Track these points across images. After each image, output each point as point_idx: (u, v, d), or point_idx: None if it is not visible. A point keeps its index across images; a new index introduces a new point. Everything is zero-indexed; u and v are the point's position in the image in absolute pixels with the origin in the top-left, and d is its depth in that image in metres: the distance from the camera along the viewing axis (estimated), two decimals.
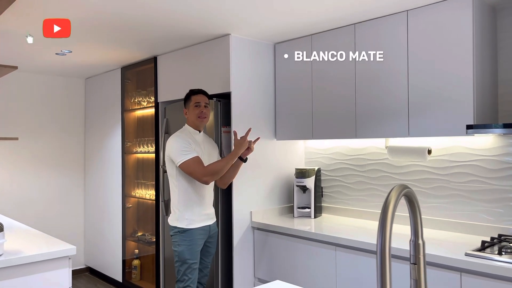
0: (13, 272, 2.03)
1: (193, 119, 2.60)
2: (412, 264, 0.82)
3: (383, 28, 2.56)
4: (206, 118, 2.62)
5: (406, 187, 0.76)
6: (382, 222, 0.70)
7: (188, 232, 2.50)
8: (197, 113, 2.59)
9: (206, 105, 2.63)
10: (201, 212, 2.55)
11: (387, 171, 2.86)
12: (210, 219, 2.62)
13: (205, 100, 2.63)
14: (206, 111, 2.62)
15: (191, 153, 2.45)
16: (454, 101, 2.24)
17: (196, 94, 2.63)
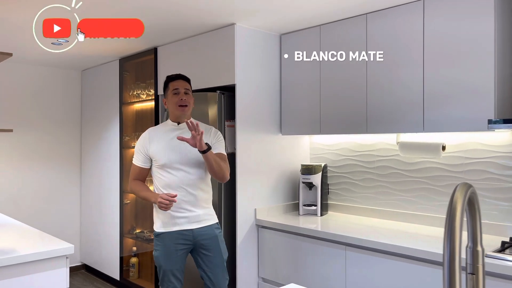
0: (6, 272, 1.91)
1: (173, 109, 2.28)
2: (470, 274, 0.71)
3: (397, 18, 2.45)
4: (187, 106, 2.27)
5: (470, 186, 0.65)
6: (449, 229, 0.59)
7: (161, 236, 2.26)
8: (176, 101, 2.26)
9: (187, 91, 2.29)
10: (177, 214, 2.22)
11: (397, 167, 2.75)
12: (194, 223, 2.25)
13: (185, 86, 2.30)
14: (187, 98, 2.27)
15: (137, 159, 2.30)
16: (474, 94, 2.14)
17: (174, 80, 2.32)
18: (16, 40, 3.29)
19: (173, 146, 2.23)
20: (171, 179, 2.23)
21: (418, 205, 2.65)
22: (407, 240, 2.25)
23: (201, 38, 3.07)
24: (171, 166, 2.22)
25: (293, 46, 3.01)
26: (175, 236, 2.24)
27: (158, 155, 2.23)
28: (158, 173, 2.26)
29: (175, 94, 2.27)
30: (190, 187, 2.24)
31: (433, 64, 2.28)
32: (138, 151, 2.30)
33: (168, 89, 2.32)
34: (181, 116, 2.27)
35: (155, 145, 2.25)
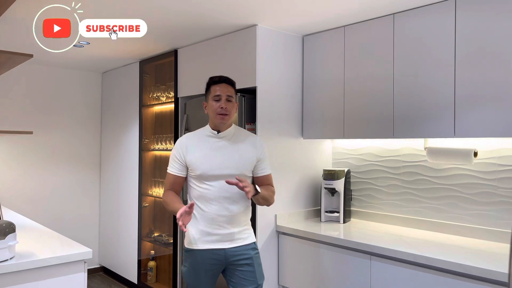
0: (25, 276, 1.88)
1: (212, 117, 2.05)
2: None
3: (426, 18, 2.34)
4: (227, 115, 2.02)
5: None
6: None
7: (190, 252, 2.05)
8: (215, 109, 2.02)
9: (229, 98, 2.03)
10: (208, 230, 2.01)
11: (425, 174, 2.64)
12: (227, 242, 2.02)
13: (228, 92, 2.04)
14: (229, 107, 2.02)
15: (173, 167, 2.08)
16: (509, 97, 2.02)
17: (216, 83, 2.06)
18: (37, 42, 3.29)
19: (211, 156, 2.03)
20: (207, 191, 2.02)
21: (447, 214, 2.53)
22: (436, 250, 2.14)
23: (222, 40, 3.02)
24: (208, 177, 2.01)
25: (316, 47, 2.93)
26: (205, 255, 2.02)
27: (195, 164, 2.02)
28: (193, 184, 2.07)
29: (215, 100, 2.03)
30: (226, 201, 2.01)
31: (465, 66, 2.17)
32: (174, 159, 2.09)
33: (209, 93, 2.08)
34: (221, 125, 2.05)
35: (192, 153, 2.04)
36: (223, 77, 2.08)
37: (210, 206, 2.01)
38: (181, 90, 3.43)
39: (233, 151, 2.05)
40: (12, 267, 1.84)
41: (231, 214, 2.02)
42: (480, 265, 1.87)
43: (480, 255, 2.07)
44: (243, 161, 2.05)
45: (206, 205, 2.01)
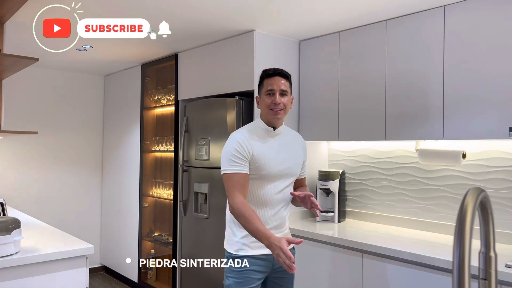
0: (29, 270, 1.97)
1: (265, 112, 1.89)
2: (482, 279, 0.71)
3: (417, 25, 2.43)
4: (282, 111, 1.87)
5: (483, 191, 0.65)
6: (459, 233, 0.59)
7: (238, 260, 1.85)
8: (268, 104, 1.86)
9: (284, 92, 1.87)
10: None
11: (416, 175, 2.72)
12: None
13: (283, 85, 1.87)
14: (284, 101, 1.86)
15: (237, 165, 1.79)
16: (496, 101, 2.10)
17: (270, 76, 1.89)
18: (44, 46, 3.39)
19: (273, 154, 1.87)
20: (267, 193, 1.85)
21: (438, 214, 2.61)
22: (425, 248, 2.22)
23: (221, 45, 3.11)
24: (271, 178, 1.85)
25: (312, 52, 3.02)
26: (254, 262, 1.84)
27: (261, 162, 1.82)
28: (252, 186, 1.85)
29: (268, 94, 1.87)
30: (280, 205, 1.90)
31: (454, 71, 2.26)
32: (237, 155, 1.80)
33: (262, 87, 1.91)
34: (275, 121, 1.89)
35: (256, 150, 1.83)
36: (278, 70, 1.90)
37: (264, 208, 1.86)
38: (181, 93, 3.52)
39: (288, 150, 1.93)
40: (17, 261, 1.93)
41: (282, 217, 1.91)
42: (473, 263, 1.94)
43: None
44: (296, 161, 1.96)
45: (261, 208, 1.85)
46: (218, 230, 3.05)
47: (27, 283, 1.97)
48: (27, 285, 1.97)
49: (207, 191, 3.15)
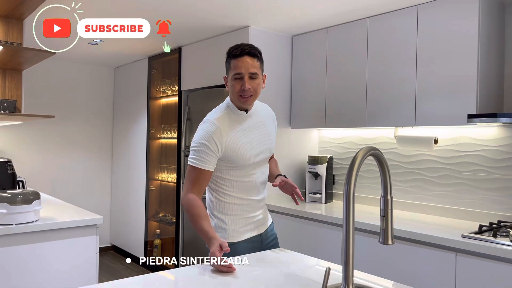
0: (47, 236, 2.28)
1: (234, 98, 1.72)
2: (382, 216, 0.97)
3: (394, 22, 2.68)
4: (252, 96, 1.68)
5: (374, 149, 0.92)
6: (349, 172, 0.86)
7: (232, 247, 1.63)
8: (237, 90, 1.67)
9: (253, 75, 1.67)
10: (247, 220, 1.78)
11: (396, 160, 2.98)
12: (261, 225, 1.84)
13: (251, 68, 1.66)
14: (253, 85, 1.67)
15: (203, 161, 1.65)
16: (459, 92, 2.35)
17: (236, 57, 1.67)
18: (59, 40, 3.70)
19: (248, 140, 1.73)
20: (249, 181, 1.76)
21: (414, 195, 2.86)
22: (402, 224, 2.48)
23: (219, 39, 3.39)
24: (248, 164, 1.73)
25: (304, 46, 3.28)
26: (245, 246, 1.76)
27: (236, 153, 1.69)
28: (231, 176, 1.73)
29: (236, 79, 1.67)
30: (262, 186, 1.83)
31: (424, 63, 2.51)
32: (205, 150, 1.65)
33: (229, 69, 1.71)
34: (245, 106, 1.73)
35: (230, 140, 1.69)
36: (245, 48, 1.67)
37: (250, 194, 1.78)
38: (184, 84, 3.81)
39: (262, 129, 1.81)
40: (37, 227, 2.23)
41: (263, 198, 1.86)
42: (436, 234, 2.20)
43: (436, 228, 2.40)
44: (271, 139, 1.86)
45: (247, 194, 1.77)
46: None
47: (46, 247, 2.28)
48: (46, 248, 2.28)
49: None
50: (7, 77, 2.80)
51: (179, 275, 1.40)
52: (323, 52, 3.12)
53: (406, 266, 2.28)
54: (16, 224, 2.17)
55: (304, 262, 1.61)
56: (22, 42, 2.79)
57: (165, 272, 1.44)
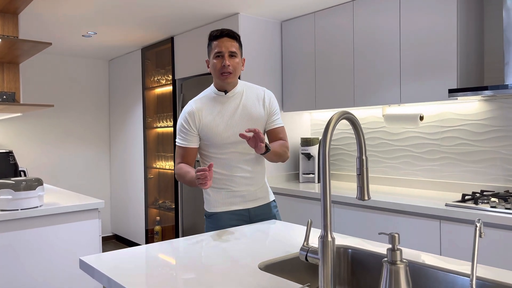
0: (51, 220, 2.38)
1: (215, 77, 1.84)
2: (358, 175, 1.08)
3: (378, 3, 2.77)
4: (231, 73, 1.81)
5: (347, 113, 1.02)
6: (324, 132, 0.96)
7: (213, 216, 1.91)
8: (218, 68, 1.81)
9: (233, 53, 1.81)
10: (231, 193, 1.90)
11: (384, 138, 3.09)
12: (250, 201, 1.93)
13: (231, 47, 1.80)
14: (233, 64, 1.81)
15: (182, 139, 1.88)
16: (440, 70, 2.46)
17: (217, 38, 1.82)
18: (53, 33, 3.78)
19: (225, 120, 1.85)
20: (226, 158, 1.87)
21: (403, 171, 2.98)
22: (390, 197, 2.60)
23: (210, 27, 3.47)
24: (225, 143, 1.85)
25: (293, 31, 3.37)
26: (229, 217, 1.90)
27: (211, 132, 1.84)
28: (208, 152, 1.90)
29: (217, 57, 1.81)
30: (246, 164, 1.90)
31: (408, 45, 2.61)
32: (183, 130, 1.88)
33: (211, 50, 1.85)
34: (226, 85, 1.85)
35: (204, 120, 1.85)
36: (225, 30, 1.83)
37: (231, 170, 1.88)
38: (178, 73, 3.89)
39: (244, 111, 1.88)
40: (41, 212, 2.34)
41: (251, 174, 1.92)
42: (421, 204, 2.32)
43: (423, 200, 2.52)
44: (255, 120, 1.89)
45: (227, 169, 1.88)
46: None
47: (51, 231, 2.38)
48: (50, 232, 2.39)
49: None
50: (4, 70, 2.88)
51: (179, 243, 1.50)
52: (312, 36, 3.21)
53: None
54: (21, 209, 2.27)
55: (294, 229, 1.72)
56: (18, 36, 2.86)
57: (164, 242, 1.55)
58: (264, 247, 1.46)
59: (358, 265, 1.41)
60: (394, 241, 0.88)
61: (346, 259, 1.44)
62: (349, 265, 1.44)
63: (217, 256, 1.35)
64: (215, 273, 1.18)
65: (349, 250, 1.43)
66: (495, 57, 2.54)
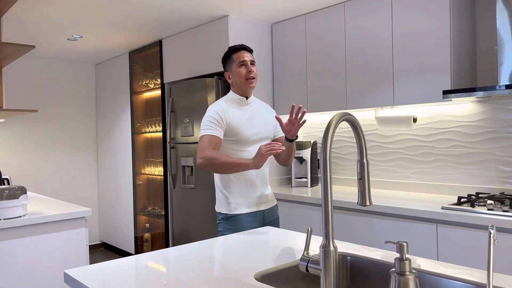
0: (36, 230, 2.29)
1: (240, 83, 2.08)
2: (359, 179, 1.02)
3: (369, 5, 2.74)
4: (255, 79, 2.09)
5: (348, 114, 0.96)
6: (324, 135, 0.91)
7: (233, 218, 2.05)
8: (244, 74, 2.06)
9: (253, 62, 2.11)
10: (249, 194, 2.08)
11: (377, 140, 3.05)
12: (264, 203, 2.12)
13: (251, 57, 2.11)
14: (255, 71, 2.10)
15: (212, 129, 2.00)
16: (433, 71, 2.43)
17: (238, 50, 2.10)
18: (36, 37, 3.67)
19: (248, 121, 2.08)
20: (249, 155, 2.07)
21: (396, 173, 2.94)
22: (385, 201, 2.55)
23: (199, 30, 3.41)
24: (250, 142, 2.07)
25: (283, 34, 3.32)
26: (249, 219, 2.06)
27: (238, 129, 2.04)
28: (232, 149, 2.07)
29: (241, 65, 2.07)
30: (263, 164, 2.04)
31: (400, 47, 2.57)
32: (214, 122, 2.01)
33: (233, 62, 2.09)
34: (249, 89, 2.10)
35: (232, 117, 2.05)
36: (243, 45, 2.13)
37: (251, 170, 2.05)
38: (166, 76, 3.82)
39: (260, 116, 2.14)
40: (26, 221, 2.24)
41: (264, 175, 2.13)
42: (417, 207, 2.28)
43: (418, 203, 2.48)
44: (269, 125, 2.16)
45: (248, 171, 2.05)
46: (204, 197, 3.38)
47: (35, 241, 2.29)
48: (35, 242, 2.29)
49: (193, 164, 3.48)
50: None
51: (169, 253, 1.43)
52: (303, 39, 3.17)
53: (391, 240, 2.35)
54: (4, 219, 2.18)
55: (289, 236, 1.66)
56: (0, 39, 2.77)
57: (155, 252, 1.48)
58: (259, 256, 1.40)
59: (358, 272, 1.36)
60: (402, 250, 0.83)
61: (345, 266, 1.39)
62: (349, 272, 1.38)
63: (212, 266, 1.28)
64: (210, 285, 1.11)
65: (348, 257, 1.38)
66: (488, 57, 2.52)
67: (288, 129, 1.97)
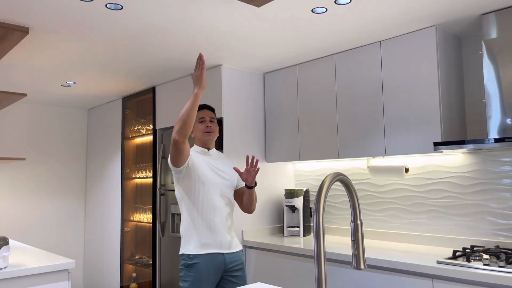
0: (17, 283, 2.18)
1: (200, 136, 2.37)
2: (353, 241, 0.99)
3: (359, 57, 2.80)
4: (212, 132, 2.36)
5: (340, 174, 0.95)
6: (317, 197, 0.88)
7: (194, 260, 2.19)
8: (202, 129, 2.36)
9: (212, 119, 2.40)
10: (210, 239, 2.22)
11: (369, 190, 3.03)
12: (226, 248, 2.26)
13: (210, 115, 2.40)
14: (213, 126, 2.37)
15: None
16: (424, 122, 2.45)
17: (199, 110, 2.42)
18: (29, 82, 3.69)
19: (210, 168, 2.31)
20: (210, 199, 2.25)
21: (389, 224, 2.90)
22: (375, 253, 2.50)
23: None
24: (211, 182, 2.27)
25: (275, 83, 3.37)
26: (209, 261, 2.20)
27: (201, 167, 2.27)
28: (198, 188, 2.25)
29: (201, 122, 2.37)
30: (225, 209, 2.30)
31: (391, 98, 2.62)
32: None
33: (196, 119, 2.38)
34: (208, 141, 2.36)
35: (194, 159, 2.28)
36: (205, 104, 2.46)
37: (212, 214, 2.24)
38: (158, 123, 3.82)
39: (220, 166, 2.36)
40: (6, 275, 2.14)
41: (227, 221, 2.29)
42: (412, 261, 2.22)
43: (412, 256, 2.42)
44: (232, 174, 2.39)
45: (208, 214, 2.23)
46: None
47: None
48: None
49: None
50: None
51: None
52: (294, 88, 3.21)
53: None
54: None
55: None
56: None
57: None
58: None
59: None
60: None
61: None
62: None
63: None
64: None
65: None
66: (476, 109, 2.57)
67: (245, 177, 2.25)
